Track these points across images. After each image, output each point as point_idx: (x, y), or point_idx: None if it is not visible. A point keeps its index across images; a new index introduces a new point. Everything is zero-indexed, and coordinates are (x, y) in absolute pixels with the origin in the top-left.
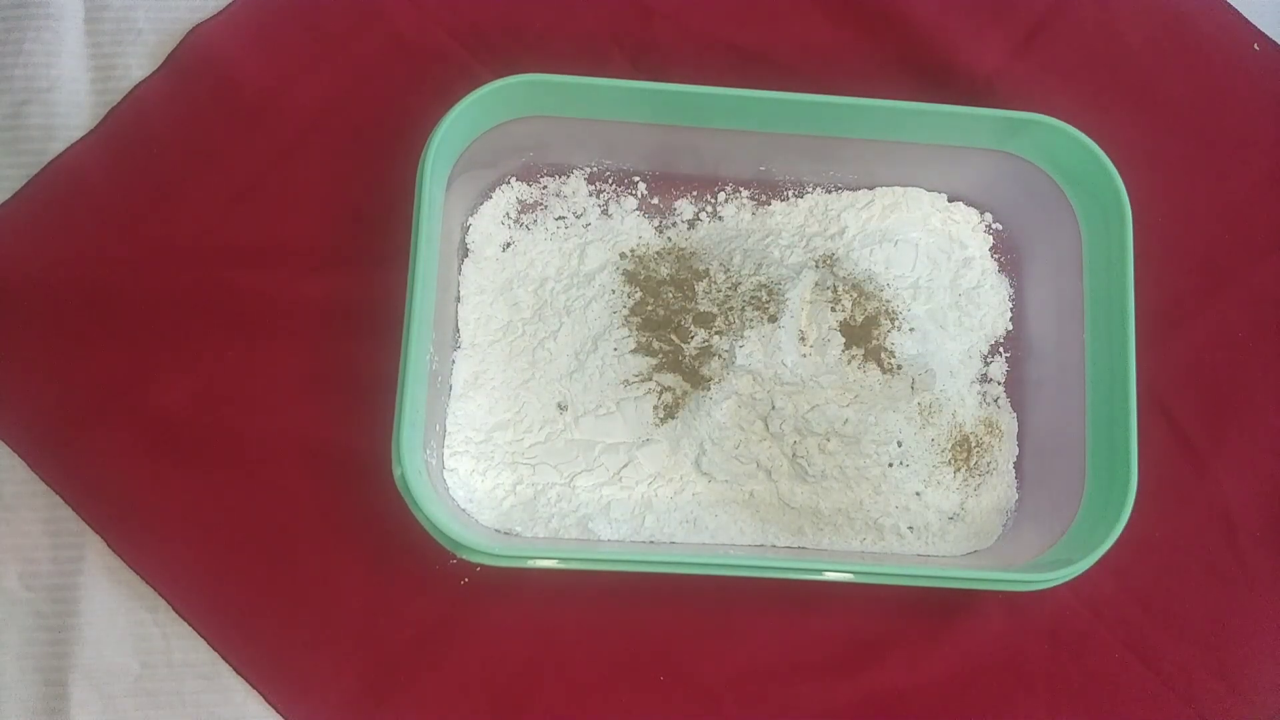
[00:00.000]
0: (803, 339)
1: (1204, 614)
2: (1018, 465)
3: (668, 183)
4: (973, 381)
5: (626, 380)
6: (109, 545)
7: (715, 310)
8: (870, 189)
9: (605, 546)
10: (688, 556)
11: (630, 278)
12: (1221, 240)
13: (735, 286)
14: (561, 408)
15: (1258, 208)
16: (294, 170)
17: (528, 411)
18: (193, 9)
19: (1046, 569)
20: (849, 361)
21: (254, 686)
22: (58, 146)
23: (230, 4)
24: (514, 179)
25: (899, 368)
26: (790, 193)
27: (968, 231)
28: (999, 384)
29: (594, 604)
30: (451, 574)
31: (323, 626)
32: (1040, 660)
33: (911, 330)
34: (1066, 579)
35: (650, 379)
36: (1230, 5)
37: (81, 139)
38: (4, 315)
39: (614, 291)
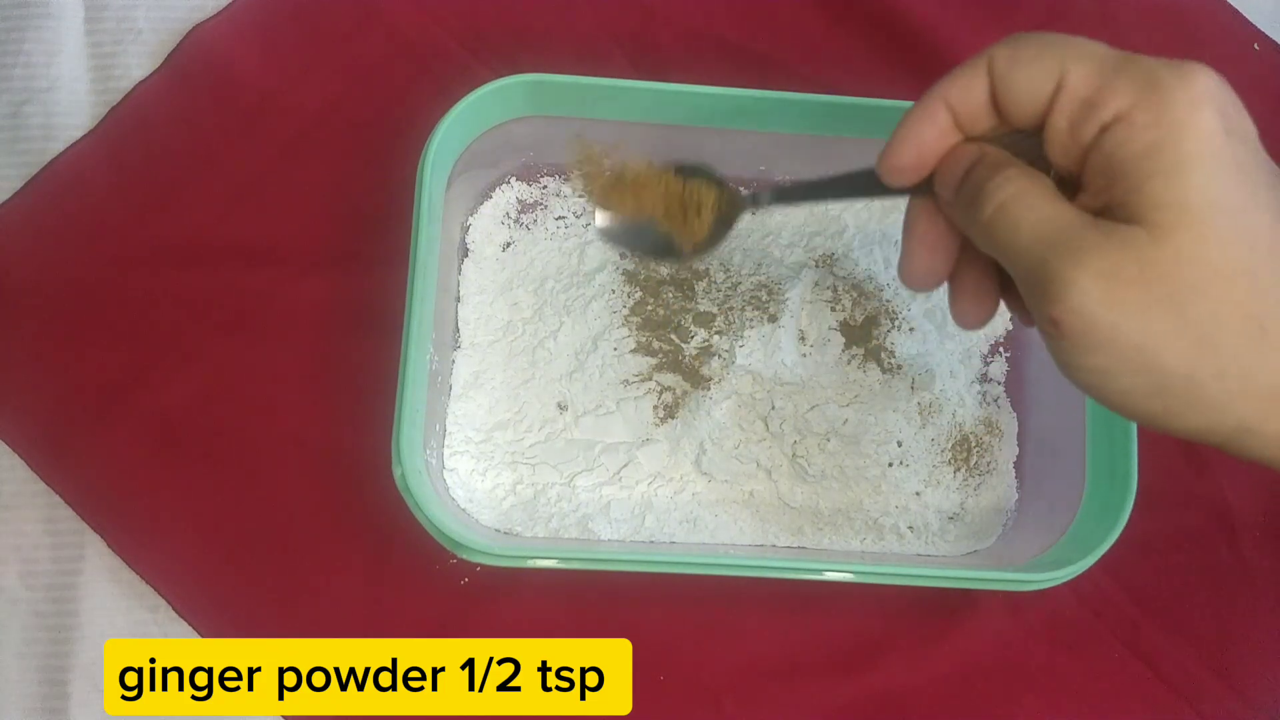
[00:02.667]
0: (802, 339)
1: (1204, 614)
2: (1018, 465)
3: None
4: (972, 381)
5: (626, 380)
6: (109, 545)
7: (715, 310)
8: None
9: (605, 546)
10: (688, 556)
11: (630, 277)
12: None
13: (735, 286)
14: (561, 407)
15: None
16: (294, 170)
17: (528, 411)
18: (193, 9)
19: (1046, 569)
20: (849, 361)
21: None
22: (57, 146)
23: (230, 4)
24: (514, 179)
25: (899, 367)
26: None
27: None
28: (999, 384)
29: (594, 604)
30: (451, 574)
31: (323, 626)
32: (1040, 660)
33: (911, 330)
34: (1066, 579)
35: (650, 379)
36: (1230, 5)
37: (81, 139)
38: (4, 315)
39: (614, 291)
